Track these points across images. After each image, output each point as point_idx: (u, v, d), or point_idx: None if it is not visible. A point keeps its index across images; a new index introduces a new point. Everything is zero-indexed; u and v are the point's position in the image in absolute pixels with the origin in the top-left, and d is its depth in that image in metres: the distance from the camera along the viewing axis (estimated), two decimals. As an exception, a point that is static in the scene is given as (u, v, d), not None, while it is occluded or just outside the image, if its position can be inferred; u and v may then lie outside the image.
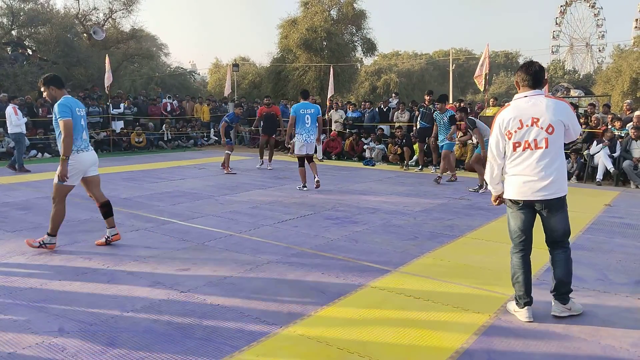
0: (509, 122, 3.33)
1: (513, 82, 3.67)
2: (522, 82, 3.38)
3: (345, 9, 25.51)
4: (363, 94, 36.79)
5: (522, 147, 3.32)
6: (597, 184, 10.01)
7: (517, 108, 3.34)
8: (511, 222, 3.51)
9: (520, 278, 3.43)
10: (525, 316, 3.40)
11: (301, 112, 8.69)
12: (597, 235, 5.76)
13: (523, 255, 3.46)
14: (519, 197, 3.37)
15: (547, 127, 3.25)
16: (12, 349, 3.00)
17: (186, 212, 6.88)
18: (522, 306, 3.43)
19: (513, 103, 3.41)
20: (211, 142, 18.56)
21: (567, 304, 3.46)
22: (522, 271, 3.43)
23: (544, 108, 3.27)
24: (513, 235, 3.50)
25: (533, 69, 3.34)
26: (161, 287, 4.02)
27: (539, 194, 3.30)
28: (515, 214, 3.46)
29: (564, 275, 3.43)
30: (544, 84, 3.43)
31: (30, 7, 19.69)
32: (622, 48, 31.13)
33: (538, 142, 3.27)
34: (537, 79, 3.33)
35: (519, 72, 3.42)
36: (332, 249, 5.10)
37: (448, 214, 6.85)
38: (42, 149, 14.59)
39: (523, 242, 3.45)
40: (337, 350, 3.01)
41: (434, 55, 52.40)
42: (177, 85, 27.74)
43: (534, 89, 3.35)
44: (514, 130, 3.32)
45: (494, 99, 13.61)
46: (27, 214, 6.71)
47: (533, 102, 3.31)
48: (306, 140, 8.66)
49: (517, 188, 3.37)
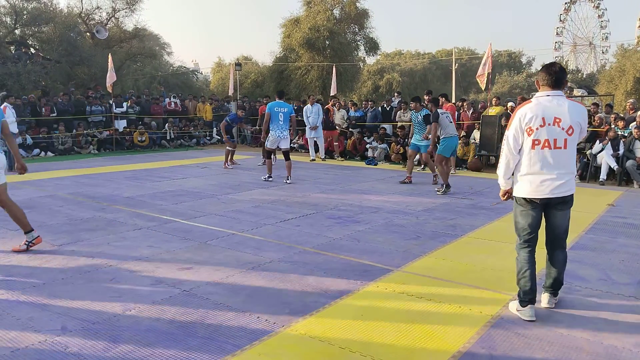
0: (531, 119, 3.35)
1: (516, 81, 3.68)
2: (543, 82, 3.42)
3: (348, 8, 25.47)
4: (365, 93, 36.76)
5: (541, 145, 3.35)
6: (600, 183, 9.98)
7: (540, 105, 3.36)
8: (520, 220, 3.53)
9: (527, 273, 3.46)
10: (528, 315, 3.42)
11: (275, 110, 9.43)
12: (600, 235, 5.74)
13: (530, 251, 3.51)
14: (537, 195, 3.40)
15: (567, 128, 3.32)
16: (15, 347, 3.01)
17: (189, 211, 6.89)
18: (526, 304, 3.44)
19: (535, 100, 3.42)
20: (214, 141, 18.58)
21: (557, 296, 3.69)
22: (529, 265, 3.48)
23: (566, 109, 3.33)
24: (521, 233, 3.54)
25: (554, 69, 3.40)
26: (163, 285, 4.03)
27: (556, 191, 3.37)
28: (526, 213, 3.49)
29: (562, 274, 3.59)
30: (564, 85, 3.49)
31: (33, 6, 19.72)
32: (625, 47, 31.00)
33: (558, 141, 3.33)
34: (559, 79, 3.39)
35: (541, 72, 3.48)
36: (334, 249, 5.10)
37: (450, 214, 6.84)
38: (45, 147, 14.62)
39: (531, 239, 3.51)
40: (339, 349, 3.01)
41: (436, 54, 52.32)
42: (180, 85, 27.75)
43: (554, 89, 3.39)
44: (535, 127, 3.34)
45: (496, 98, 13.54)
46: (30, 213, 6.72)
47: (556, 102, 3.35)
48: (279, 136, 9.43)
49: (535, 187, 3.40)
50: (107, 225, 6.07)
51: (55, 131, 15.03)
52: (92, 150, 15.40)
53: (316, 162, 13.27)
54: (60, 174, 10.54)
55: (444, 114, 8.68)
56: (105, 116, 16.39)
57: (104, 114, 16.37)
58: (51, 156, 14.37)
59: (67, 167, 11.78)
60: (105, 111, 16.41)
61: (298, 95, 23.72)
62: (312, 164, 12.76)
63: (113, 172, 10.79)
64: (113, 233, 5.67)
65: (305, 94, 21.57)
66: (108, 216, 6.53)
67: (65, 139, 15.01)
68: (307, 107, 13.70)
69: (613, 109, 12.58)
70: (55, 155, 14.55)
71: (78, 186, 8.96)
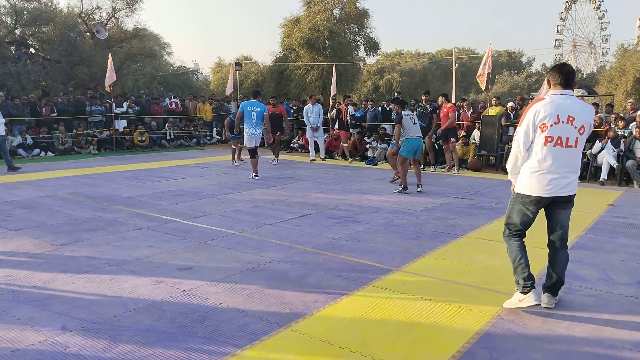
0: (545, 115, 3.35)
1: (516, 81, 3.67)
2: (555, 81, 3.44)
3: (348, 8, 25.46)
4: (365, 93, 36.74)
5: (553, 143, 3.36)
6: (600, 183, 9.98)
7: (555, 103, 3.37)
8: (515, 216, 3.56)
9: (523, 260, 3.52)
10: (533, 299, 3.44)
11: (248, 109, 9.98)
12: (600, 235, 5.74)
13: (521, 242, 3.61)
14: (544, 193, 3.41)
15: (580, 127, 3.35)
16: (15, 347, 3.02)
17: (189, 211, 6.89)
18: (528, 289, 3.47)
19: (549, 98, 3.43)
20: (214, 141, 18.57)
21: (557, 296, 3.68)
22: (522, 253, 3.55)
23: (579, 109, 3.37)
24: (512, 228, 3.60)
25: (567, 69, 3.44)
26: (163, 285, 4.03)
27: (564, 190, 3.41)
28: (524, 212, 3.51)
29: (564, 273, 3.61)
30: (574, 86, 3.52)
31: (33, 6, 19.71)
32: (625, 47, 30.97)
33: (570, 140, 3.35)
34: (570, 79, 3.42)
35: (552, 72, 3.50)
36: (334, 249, 5.10)
37: (450, 214, 6.84)
38: (45, 147, 14.63)
39: (520, 232, 3.60)
40: (339, 349, 3.01)
41: (436, 54, 52.28)
42: (180, 84, 27.76)
43: (566, 89, 3.41)
44: (549, 124, 3.34)
45: (496, 98, 13.54)
46: (30, 213, 6.73)
47: (570, 101, 3.38)
48: (253, 134, 9.91)
49: (543, 185, 3.41)
50: (107, 225, 6.07)
51: (55, 131, 15.03)
52: (92, 150, 15.40)
53: (316, 162, 13.27)
54: (60, 174, 10.54)
55: (407, 116, 8.59)
56: (105, 116, 16.39)
57: (104, 114, 16.37)
58: (51, 156, 14.37)
59: (67, 167, 11.78)
60: (105, 111, 16.41)
61: (298, 95, 23.70)
62: (312, 164, 12.75)
63: (113, 172, 10.79)
64: (113, 233, 5.67)
65: (306, 93, 21.57)
66: (108, 216, 6.53)
67: (65, 139, 15.02)
68: (307, 107, 13.66)
69: (614, 109, 12.57)
70: (55, 155, 14.55)
71: (78, 186, 8.96)
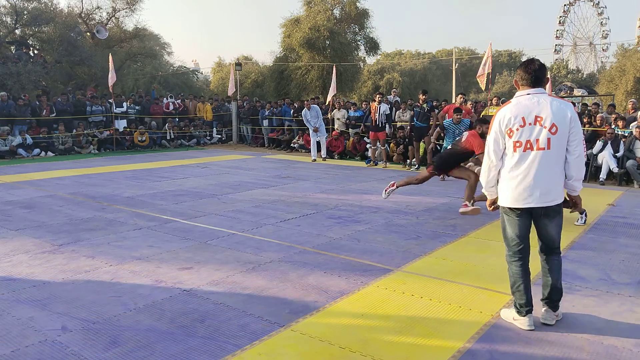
0: (510, 120, 3.14)
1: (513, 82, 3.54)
2: (522, 81, 3.20)
3: (348, 8, 25.46)
4: (366, 93, 36.74)
5: (522, 147, 3.13)
6: (600, 183, 9.98)
7: (520, 105, 3.15)
8: (508, 230, 3.32)
9: (522, 287, 3.26)
10: (527, 324, 3.26)
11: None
12: (601, 235, 5.74)
13: (522, 264, 3.29)
14: (518, 204, 3.19)
15: (550, 126, 3.07)
16: (16, 346, 3.02)
17: (189, 210, 6.89)
18: (524, 314, 3.29)
19: (514, 100, 3.21)
20: (214, 141, 18.57)
21: (557, 311, 3.39)
22: (522, 280, 3.27)
23: (549, 107, 3.09)
24: (511, 243, 3.32)
25: (533, 67, 3.16)
26: (163, 285, 4.03)
27: (543, 199, 3.13)
28: (513, 221, 3.28)
29: (559, 281, 3.32)
30: (545, 83, 3.26)
31: (33, 6, 19.71)
32: (625, 47, 30.98)
33: (540, 142, 3.09)
34: (538, 77, 3.15)
35: (518, 71, 3.24)
36: (334, 248, 5.10)
37: (450, 214, 6.84)
38: (45, 147, 14.62)
39: (521, 250, 3.29)
40: (339, 349, 3.01)
41: (437, 54, 52.33)
42: (180, 84, 27.78)
43: (534, 88, 3.17)
44: (515, 128, 3.12)
45: (496, 98, 13.56)
46: (30, 213, 6.73)
47: (537, 100, 3.13)
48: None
49: (517, 195, 3.18)
50: (108, 225, 6.07)
51: (55, 131, 15.03)
52: (92, 150, 15.39)
53: (317, 162, 13.27)
54: (60, 174, 10.54)
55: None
56: (105, 116, 16.38)
57: (104, 114, 16.37)
58: (51, 156, 14.37)
59: (67, 167, 11.77)
60: (105, 111, 16.40)
61: (298, 95, 23.71)
62: (313, 164, 12.76)
63: (113, 172, 10.79)
64: (113, 233, 5.67)
65: (306, 93, 21.57)
66: (108, 216, 6.53)
67: (65, 139, 15.01)
68: (304, 112, 13.59)
69: (615, 109, 12.56)
70: (56, 155, 14.54)
71: (78, 186, 8.96)
